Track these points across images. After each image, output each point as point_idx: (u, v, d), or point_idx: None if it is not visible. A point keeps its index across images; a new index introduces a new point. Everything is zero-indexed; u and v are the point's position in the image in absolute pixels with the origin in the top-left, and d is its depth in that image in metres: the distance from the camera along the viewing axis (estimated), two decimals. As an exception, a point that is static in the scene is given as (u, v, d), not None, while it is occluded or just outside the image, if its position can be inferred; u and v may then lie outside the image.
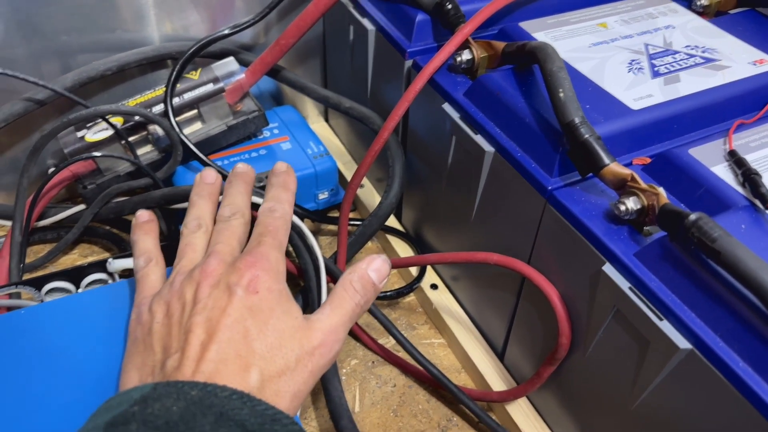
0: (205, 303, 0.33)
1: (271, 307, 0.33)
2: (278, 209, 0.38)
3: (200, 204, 0.40)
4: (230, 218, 0.38)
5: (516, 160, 0.40)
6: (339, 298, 0.36)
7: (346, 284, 0.36)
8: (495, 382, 0.47)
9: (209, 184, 0.41)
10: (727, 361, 0.29)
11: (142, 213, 0.41)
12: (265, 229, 0.37)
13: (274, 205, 0.38)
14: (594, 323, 0.36)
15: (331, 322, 0.34)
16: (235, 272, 0.34)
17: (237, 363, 0.31)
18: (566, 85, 0.37)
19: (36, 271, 0.52)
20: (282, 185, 0.40)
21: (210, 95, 0.54)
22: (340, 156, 0.65)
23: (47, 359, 0.36)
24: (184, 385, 0.29)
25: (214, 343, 0.31)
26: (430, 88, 0.46)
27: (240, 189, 0.40)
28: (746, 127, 0.41)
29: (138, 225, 0.40)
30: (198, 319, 0.32)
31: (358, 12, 0.54)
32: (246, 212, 0.39)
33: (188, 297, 0.33)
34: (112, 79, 0.55)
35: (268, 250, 0.35)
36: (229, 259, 0.35)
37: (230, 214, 0.38)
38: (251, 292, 0.33)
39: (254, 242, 0.36)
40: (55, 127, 0.48)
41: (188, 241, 0.37)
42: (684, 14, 0.51)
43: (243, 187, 0.41)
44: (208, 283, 0.33)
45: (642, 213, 0.34)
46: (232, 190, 0.40)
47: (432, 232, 0.55)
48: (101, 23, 0.53)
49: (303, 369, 0.32)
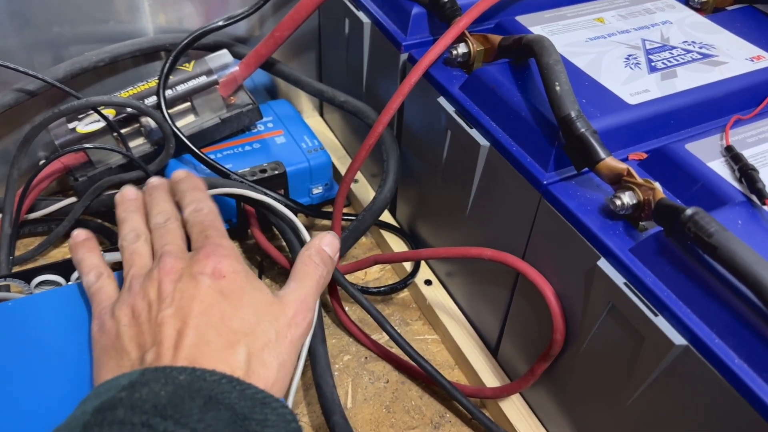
0: (173, 296, 0.32)
1: (241, 287, 0.33)
2: (203, 207, 0.38)
3: (131, 218, 0.39)
4: (166, 223, 0.38)
5: (511, 154, 0.39)
6: (302, 272, 0.37)
7: (306, 259, 0.38)
8: (488, 379, 0.47)
9: (133, 199, 0.41)
10: (722, 357, 0.28)
11: (79, 232, 0.40)
12: (203, 226, 0.37)
13: (197, 205, 0.38)
14: (589, 319, 0.36)
15: (300, 293, 0.36)
16: (196, 263, 0.34)
17: (220, 342, 0.31)
18: (562, 79, 0.37)
19: (25, 264, 0.52)
20: (191, 188, 0.40)
21: (203, 88, 0.53)
22: (334, 151, 0.65)
23: (36, 351, 0.36)
24: (172, 370, 0.28)
25: (190, 328, 0.31)
26: (425, 81, 0.46)
27: (162, 196, 0.40)
28: (743, 122, 0.41)
29: (78, 244, 0.39)
30: (168, 312, 0.32)
31: (353, 4, 0.54)
32: (177, 215, 0.39)
33: (152, 295, 0.33)
34: (104, 70, 0.55)
35: (218, 240, 0.35)
36: (182, 256, 0.35)
37: (164, 220, 0.38)
38: (218, 277, 0.33)
39: (200, 240, 0.36)
40: (46, 117, 0.47)
41: (132, 249, 0.37)
42: (681, 10, 0.51)
43: (164, 193, 0.41)
44: (171, 279, 0.33)
45: (638, 208, 0.34)
46: (155, 199, 0.40)
47: (426, 227, 0.54)
48: (94, 14, 0.53)
49: (283, 339, 0.33)
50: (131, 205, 0.40)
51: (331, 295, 0.51)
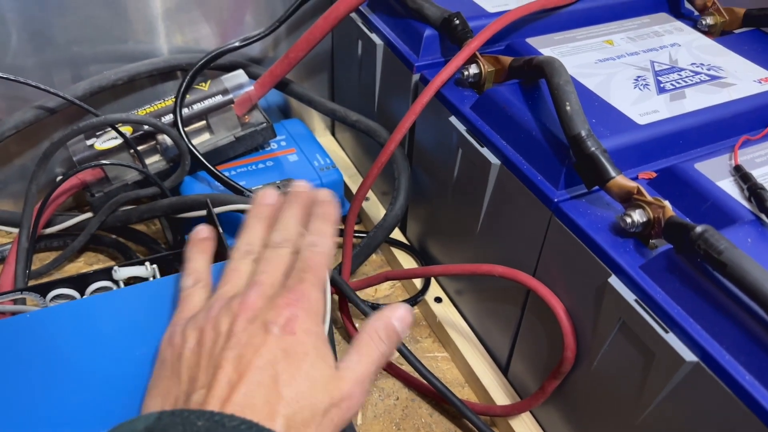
0: (239, 338, 0.31)
1: (306, 352, 0.31)
2: (321, 244, 0.36)
3: (255, 228, 0.38)
4: (280, 246, 0.36)
5: (522, 172, 0.40)
6: (365, 346, 0.34)
7: (372, 332, 0.35)
8: (498, 397, 0.47)
9: (269, 205, 0.39)
10: (733, 373, 0.29)
11: (202, 228, 0.40)
12: (306, 264, 0.35)
13: (317, 240, 0.37)
14: (599, 336, 0.36)
15: (360, 371, 0.33)
16: (274, 309, 0.32)
17: (264, 410, 0.29)
18: (573, 99, 0.37)
19: (41, 277, 0.53)
20: (326, 217, 0.38)
21: (219, 106, 0.54)
22: (346, 169, 0.65)
23: (51, 364, 0.36)
24: (190, 414, 0.28)
25: (243, 385, 0.29)
26: (437, 101, 0.47)
27: (294, 213, 0.38)
28: (752, 143, 0.41)
29: (195, 242, 0.39)
30: (229, 355, 0.30)
31: (366, 27, 0.55)
32: (297, 241, 0.37)
33: (223, 328, 0.32)
34: (122, 89, 0.56)
35: (309, 288, 0.34)
36: (270, 291, 0.34)
37: (281, 241, 0.36)
38: (288, 332, 0.31)
39: (295, 278, 0.34)
40: (65, 134, 0.48)
41: (235, 266, 0.36)
42: (689, 33, 0.52)
43: (299, 210, 0.39)
44: (245, 317, 0.32)
45: (648, 226, 0.34)
46: (287, 213, 0.38)
47: (437, 244, 0.55)
48: (113, 34, 0.54)
49: (329, 422, 0.31)
50: (263, 212, 0.39)
51: (341, 311, 0.51)
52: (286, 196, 0.40)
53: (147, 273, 0.46)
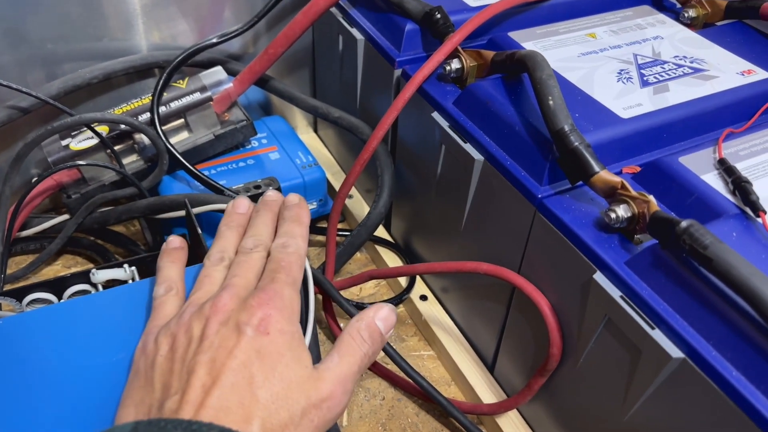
0: (212, 341, 0.31)
1: (281, 352, 0.31)
2: (292, 244, 0.37)
3: (227, 236, 0.38)
4: (252, 251, 0.37)
5: (505, 168, 0.39)
6: (347, 346, 0.34)
7: (354, 332, 0.35)
8: (485, 395, 0.46)
9: (240, 214, 0.40)
10: (720, 369, 0.28)
11: (174, 239, 0.40)
12: (278, 265, 0.35)
13: (287, 241, 0.37)
14: (585, 333, 0.36)
15: (340, 371, 0.33)
16: (246, 310, 0.32)
17: (239, 413, 0.29)
18: (555, 93, 0.37)
19: (17, 282, 0.51)
20: (295, 219, 0.39)
21: (197, 104, 0.53)
22: (329, 167, 0.65)
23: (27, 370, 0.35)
24: (167, 423, 0.27)
25: (217, 389, 0.29)
26: (419, 97, 0.46)
27: (266, 220, 0.39)
28: (736, 136, 0.41)
29: (167, 251, 0.39)
30: (202, 359, 0.30)
31: (347, 21, 0.54)
32: (269, 244, 0.38)
33: (195, 332, 0.32)
34: (98, 87, 0.55)
35: (281, 287, 0.34)
36: (243, 293, 0.34)
37: (252, 246, 0.37)
38: (261, 332, 0.31)
39: (267, 278, 0.34)
40: (38, 134, 0.47)
41: (208, 272, 0.36)
42: (672, 25, 0.52)
43: (270, 217, 0.39)
44: (218, 320, 0.32)
45: (632, 221, 0.34)
46: (258, 220, 0.39)
47: (421, 242, 0.54)
48: (88, 31, 0.53)
49: (308, 423, 0.30)
50: (235, 220, 0.39)
51: (325, 311, 0.50)
52: (258, 204, 0.40)
53: (126, 275, 0.45)
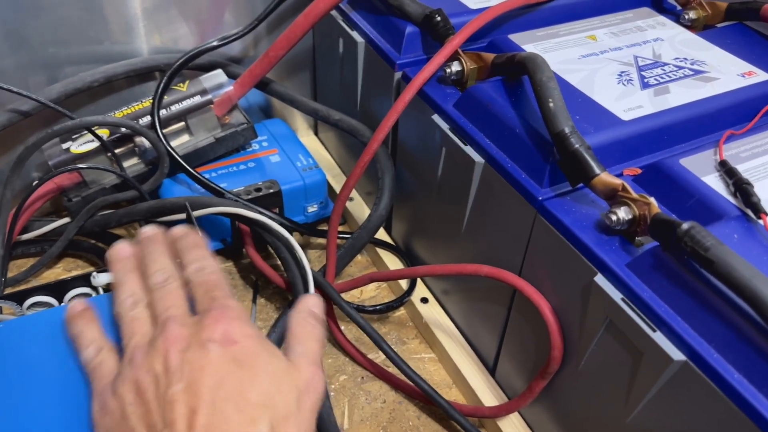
0: (181, 368, 0.30)
1: (256, 352, 0.31)
2: (207, 266, 0.36)
3: (127, 280, 0.36)
4: (165, 283, 0.35)
5: (506, 170, 0.39)
6: (303, 333, 0.35)
7: (301, 321, 0.35)
8: (486, 398, 0.46)
9: (125, 257, 0.37)
10: (721, 372, 0.28)
11: (75, 304, 0.37)
12: (207, 286, 0.34)
13: (200, 264, 0.36)
14: (586, 335, 0.35)
15: (310, 354, 0.34)
16: (204, 329, 0.31)
17: (240, 418, 0.28)
18: (556, 95, 0.37)
19: (18, 285, 0.51)
20: (192, 245, 0.37)
21: (198, 107, 0.53)
22: (329, 169, 0.65)
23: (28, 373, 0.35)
24: None
25: (204, 404, 0.28)
26: (419, 99, 0.46)
27: (159, 250, 0.37)
28: (736, 137, 0.41)
29: (75, 316, 0.36)
30: (178, 388, 0.29)
31: (347, 24, 0.54)
32: (177, 273, 0.36)
33: (158, 368, 0.30)
34: (99, 90, 0.55)
35: (225, 301, 0.33)
36: (188, 321, 0.32)
37: (164, 279, 0.35)
38: (229, 343, 0.31)
39: (205, 300, 0.33)
40: (39, 138, 0.47)
41: (131, 317, 0.34)
42: (672, 27, 0.52)
43: (161, 248, 0.37)
44: (177, 349, 0.30)
45: (633, 223, 0.34)
46: (152, 255, 0.37)
47: (422, 244, 0.54)
48: (89, 35, 0.53)
49: (304, 408, 0.31)
50: (126, 265, 0.37)
51: (326, 314, 0.50)
52: (141, 244, 0.38)
53: (126, 279, 0.45)
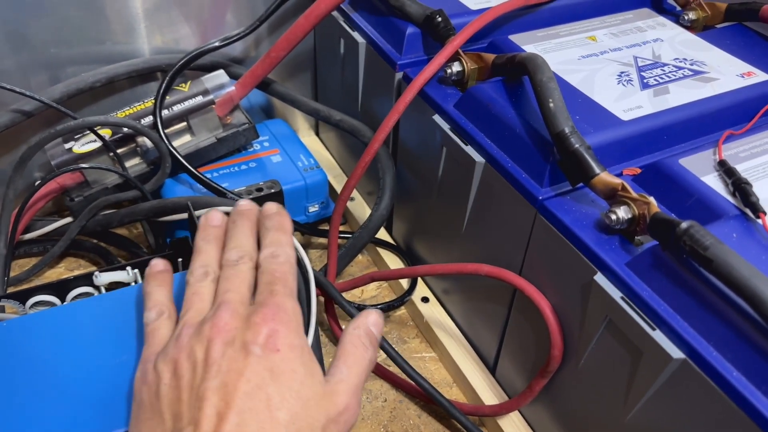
0: (219, 365, 0.29)
1: (294, 368, 0.30)
2: (281, 254, 0.35)
3: (206, 249, 0.36)
4: (238, 262, 0.35)
5: (506, 170, 0.39)
6: (352, 354, 0.33)
7: (355, 340, 0.34)
8: (487, 396, 0.46)
9: (215, 227, 0.38)
10: (720, 370, 0.28)
11: (157, 262, 0.38)
12: (272, 276, 0.34)
13: (276, 250, 0.35)
14: (586, 334, 0.36)
15: (352, 382, 0.32)
16: (251, 328, 0.31)
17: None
18: (556, 96, 0.37)
19: (21, 284, 0.52)
20: (278, 227, 0.37)
21: (200, 107, 0.53)
22: (330, 169, 0.65)
23: (30, 372, 0.35)
24: None
25: (233, 414, 0.28)
26: (420, 99, 0.46)
27: (244, 229, 0.37)
28: (735, 137, 0.41)
29: (152, 275, 0.37)
30: (212, 385, 0.29)
31: (348, 25, 0.54)
32: (254, 254, 0.36)
33: (199, 356, 0.30)
34: (101, 91, 0.55)
35: (282, 299, 0.32)
36: (241, 309, 0.32)
37: (237, 258, 0.35)
38: (271, 350, 0.30)
39: (265, 292, 0.33)
40: (42, 138, 0.47)
41: (195, 289, 0.34)
42: (672, 28, 0.52)
43: (248, 226, 0.37)
44: (221, 340, 0.30)
45: (633, 222, 0.34)
46: (236, 230, 0.37)
47: (423, 244, 0.54)
48: (91, 35, 0.53)
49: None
50: (211, 233, 0.37)
51: (327, 313, 0.51)
52: (232, 215, 0.39)
53: (128, 278, 0.45)
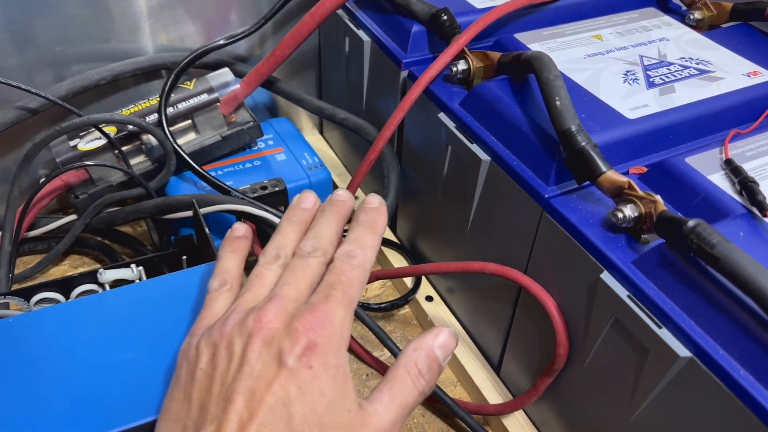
0: (253, 367, 0.28)
1: (323, 391, 0.28)
2: (359, 255, 0.32)
3: (287, 231, 0.35)
4: (309, 255, 0.33)
5: (512, 168, 0.39)
6: (401, 382, 0.30)
7: (410, 365, 0.31)
8: (491, 395, 0.46)
9: (305, 209, 0.36)
10: (727, 368, 0.28)
11: (239, 226, 0.36)
12: (337, 278, 0.31)
13: (354, 250, 0.33)
14: (592, 333, 0.36)
15: (389, 416, 0.29)
16: (290, 334, 0.29)
17: None
18: (562, 94, 0.37)
19: (25, 281, 0.52)
20: (370, 225, 0.34)
21: (204, 105, 0.53)
22: (334, 168, 0.65)
23: (35, 369, 0.35)
24: None
25: (254, 426, 0.27)
26: (425, 98, 0.46)
27: (330, 221, 0.35)
28: (742, 136, 0.41)
29: (230, 239, 0.36)
30: (241, 386, 0.28)
31: (353, 23, 0.54)
32: (330, 250, 0.33)
33: (237, 349, 0.29)
34: (106, 88, 0.55)
35: (335, 308, 0.30)
36: (291, 307, 0.30)
37: (311, 250, 0.33)
38: (304, 365, 0.28)
39: (321, 295, 0.31)
40: (47, 135, 0.47)
41: (260, 271, 0.33)
42: (678, 27, 0.52)
43: (335, 219, 0.35)
44: (261, 339, 0.29)
45: (639, 220, 0.34)
46: (321, 220, 0.35)
47: (427, 243, 0.54)
48: (96, 34, 0.53)
49: None
50: (298, 216, 0.36)
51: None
52: (325, 202, 0.36)
53: (133, 275, 0.45)
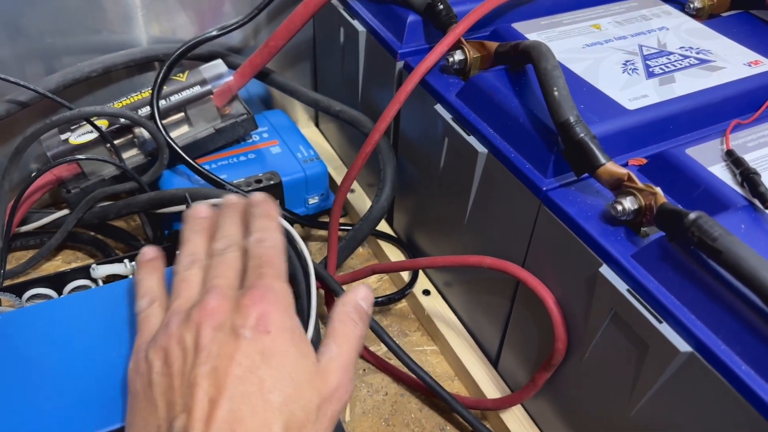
0: (209, 350, 0.29)
1: (286, 350, 0.30)
2: (268, 238, 0.35)
3: (194, 239, 0.36)
4: (225, 251, 0.35)
5: (510, 160, 0.39)
6: (341, 333, 0.33)
7: (344, 317, 0.34)
8: (489, 390, 0.46)
9: (203, 218, 0.38)
10: (728, 363, 0.28)
11: (148, 250, 0.38)
12: (260, 260, 0.33)
13: (261, 235, 0.35)
14: (591, 327, 0.35)
15: (343, 360, 0.32)
16: (240, 311, 0.30)
17: (255, 420, 0.28)
18: (561, 84, 0.36)
19: (17, 277, 0.51)
20: (264, 214, 0.37)
21: (197, 98, 0.53)
22: (330, 161, 0.64)
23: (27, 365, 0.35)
24: None
25: (225, 399, 0.28)
26: (421, 89, 0.45)
27: (233, 220, 0.37)
28: (743, 127, 0.40)
29: (143, 263, 0.37)
30: (202, 370, 0.29)
31: (348, 13, 0.53)
32: (241, 243, 0.36)
33: (189, 342, 0.30)
34: (97, 81, 0.54)
35: (271, 281, 0.32)
36: (229, 293, 0.32)
37: (224, 247, 0.35)
38: (261, 332, 0.30)
39: (253, 275, 0.33)
40: (37, 128, 0.47)
41: (182, 277, 0.34)
42: (677, 16, 0.51)
43: (236, 217, 0.37)
44: (210, 325, 0.30)
45: (639, 213, 0.33)
46: (224, 221, 0.37)
47: (424, 236, 0.54)
48: (87, 24, 0.52)
49: (323, 417, 0.30)
50: (198, 225, 0.37)
51: (328, 306, 0.50)
52: (221, 207, 0.39)
53: (126, 270, 0.44)
